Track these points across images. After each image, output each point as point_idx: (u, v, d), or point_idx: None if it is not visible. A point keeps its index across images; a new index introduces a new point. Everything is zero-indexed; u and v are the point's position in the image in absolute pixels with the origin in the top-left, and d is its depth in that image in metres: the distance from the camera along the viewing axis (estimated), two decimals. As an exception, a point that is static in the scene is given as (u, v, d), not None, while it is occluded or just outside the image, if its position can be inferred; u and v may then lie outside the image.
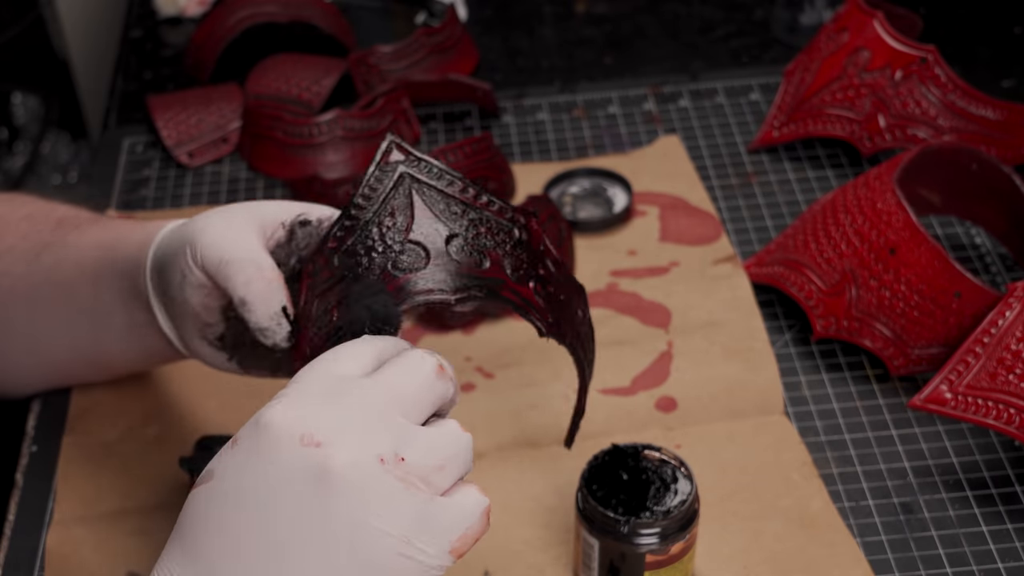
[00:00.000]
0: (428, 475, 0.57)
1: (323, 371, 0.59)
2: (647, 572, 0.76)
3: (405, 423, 0.58)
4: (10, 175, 1.92)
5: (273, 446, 0.56)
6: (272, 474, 0.56)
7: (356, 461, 0.55)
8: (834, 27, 1.14)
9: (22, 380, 0.92)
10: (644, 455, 0.77)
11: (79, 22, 1.73)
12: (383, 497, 0.55)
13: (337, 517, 0.55)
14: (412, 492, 0.56)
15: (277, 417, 0.57)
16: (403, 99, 1.19)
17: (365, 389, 0.58)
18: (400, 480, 0.56)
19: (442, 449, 0.58)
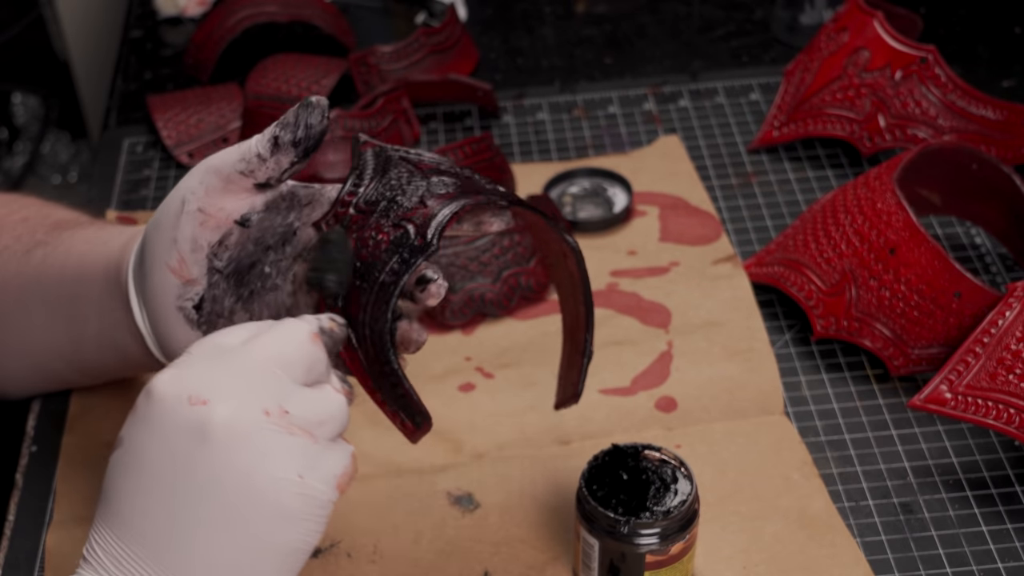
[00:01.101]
0: (311, 428, 0.62)
1: (208, 342, 0.63)
2: (647, 572, 0.76)
3: (288, 383, 0.62)
4: (10, 175, 1.92)
5: (161, 409, 0.61)
6: (163, 435, 0.60)
7: (240, 414, 0.60)
8: (834, 27, 1.14)
9: (15, 382, 0.92)
10: (644, 455, 0.77)
11: (79, 22, 1.73)
12: (272, 444, 0.60)
13: (228, 468, 0.59)
14: (297, 438, 0.61)
15: (163, 382, 0.61)
16: (403, 99, 1.19)
17: (247, 352, 0.62)
18: (286, 429, 0.61)
19: (322, 406, 0.63)
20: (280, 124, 0.70)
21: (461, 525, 0.85)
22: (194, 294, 0.72)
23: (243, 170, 0.70)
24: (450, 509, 0.86)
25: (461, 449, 0.90)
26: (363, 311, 0.67)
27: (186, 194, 0.71)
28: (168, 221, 0.71)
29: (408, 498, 0.87)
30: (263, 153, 0.70)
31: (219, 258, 0.72)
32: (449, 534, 0.84)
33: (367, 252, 0.68)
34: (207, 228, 0.71)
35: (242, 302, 0.73)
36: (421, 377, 0.95)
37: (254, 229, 0.72)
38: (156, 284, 0.73)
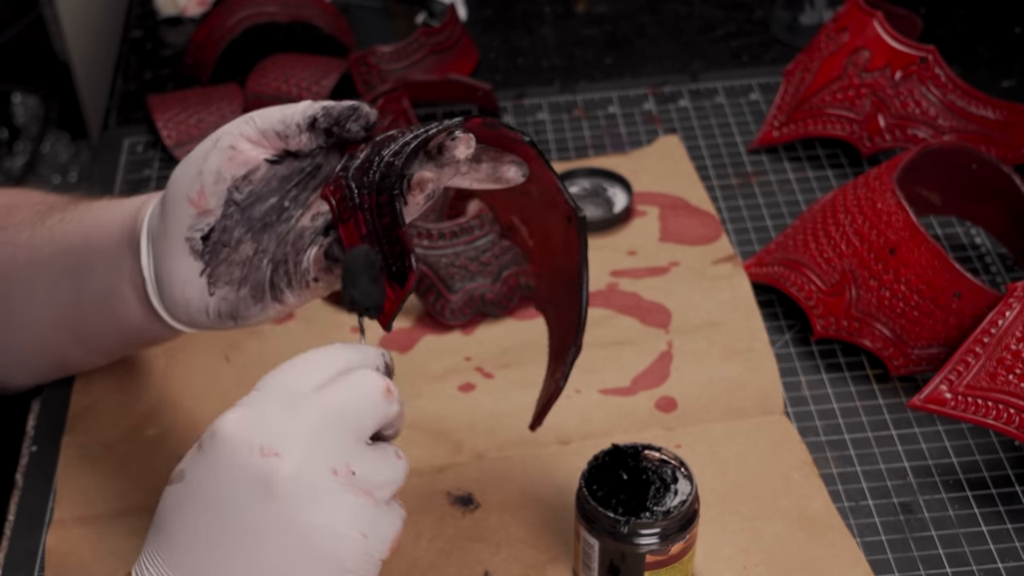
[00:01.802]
0: (372, 489, 0.62)
1: (278, 383, 0.63)
2: (647, 572, 0.76)
3: (355, 442, 0.62)
4: (10, 175, 1.92)
5: (229, 454, 0.61)
6: (229, 481, 0.61)
7: (308, 473, 0.60)
8: (834, 27, 1.14)
9: (17, 367, 0.92)
10: (644, 455, 0.77)
11: (79, 22, 1.73)
12: (336, 504, 0.61)
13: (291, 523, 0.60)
14: (362, 498, 0.62)
15: (232, 424, 0.62)
16: (403, 99, 1.19)
17: (320, 403, 0.62)
18: (351, 490, 0.61)
19: (386, 470, 0.63)
20: (326, 108, 0.72)
21: (461, 525, 0.85)
22: (205, 224, 0.74)
23: (280, 131, 0.72)
24: (450, 509, 0.86)
25: (461, 449, 0.90)
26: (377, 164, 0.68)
27: (223, 134, 0.73)
28: (198, 155, 0.73)
29: (408, 498, 0.86)
30: (301, 124, 0.71)
31: (240, 191, 0.73)
32: (449, 534, 0.84)
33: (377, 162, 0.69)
34: (235, 163, 0.73)
35: (252, 233, 0.74)
36: (421, 377, 0.95)
37: (283, 167, 0.74)
38: (171, 216, 0.74)
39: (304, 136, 0.72)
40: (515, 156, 0.72)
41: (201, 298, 0.75)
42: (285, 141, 0.72)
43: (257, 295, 0.75)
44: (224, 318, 0.76)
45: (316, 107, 0.72)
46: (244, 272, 0.75)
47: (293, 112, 0.72)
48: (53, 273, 0.83)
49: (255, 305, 0.76)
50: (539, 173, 0.73)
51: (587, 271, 0.75)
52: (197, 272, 0.75)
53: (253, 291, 0.75)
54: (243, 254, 0.75)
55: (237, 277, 0.75)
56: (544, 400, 0.79)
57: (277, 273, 0.75)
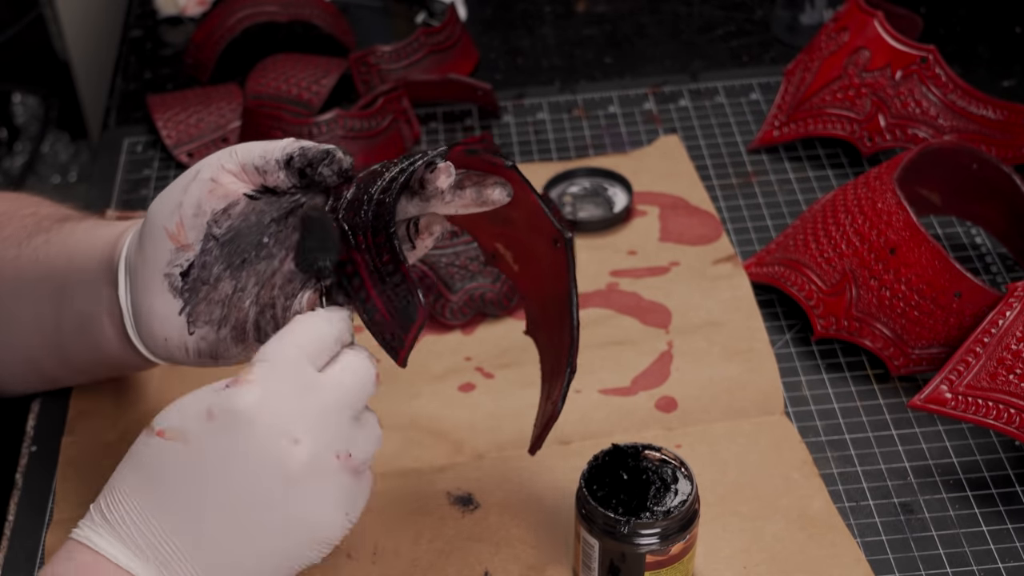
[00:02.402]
0: (360, 466, 0.67)
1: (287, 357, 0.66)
2: (647, 572, 0.76)
3: (352, 422, 0.66)
4: (10, 175, 1.92)
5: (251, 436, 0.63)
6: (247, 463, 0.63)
7: (321, 459, 0.64)
8: (834, 27, 1.14)
9: (8, 374, 0.91)
10: (644, 455, 0.77)
11: (79, 22, 1.73)
12: (336, 488, 0.65)
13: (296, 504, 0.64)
14: (351, 479, 0.66)
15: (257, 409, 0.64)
16: (403, 99, 1.19)
17: (327, 389, 0.66)
18: (348, 471, 0.66)
19: (372, 444, 0.67)
20: (303, 149, 0.71)
21: (461, 525, 0.85)
22: (184, 260, 0.73)
23: (259, 166, 0.72)
24: (450, 509, 0.86)
25: (461, 449, 0.90)
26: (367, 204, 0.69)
27: (203, 166, 0.73)
28: (177, 188, 0.73)
29: (408, 498, 0.86)
30: (280, 160, 0.71)
31: (219, 225, 0.72)
32: (449, 534, 0.84)
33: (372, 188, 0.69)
34: (215, 196, 0.72)
35: (231, 270, 0.74)
36: (421, 377, 0.95)
37: (262, 202, 0.73)
38: (150, 249, 0.73)
39: (281, 173, 0.72)
40: (498, 177, 0.72)
41: (180, 336, 0.75)
42: (264, 176, 0.72)
43: (238, 336, 0.75)
44: (204, 357, 0.76)
45: (294, 146, 0.71)
46: (224, 312, 0.74)
47: (273, 148, 0.72)
48: (37, 295, 0.83)
49: (236, 346, 0.75)
50: (522, 197, 0.73)
51: (576, 293, 0.75)
52: (176, 310, 0.74)
53: (234, 332, 0.75)
54: (222, 292, 0.74)
55: (217, 317, 0.74)
56: (542, 423, 0.79)
57: (263, 316, 0.74)
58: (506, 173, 0.72)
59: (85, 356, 0.84)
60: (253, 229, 0.73)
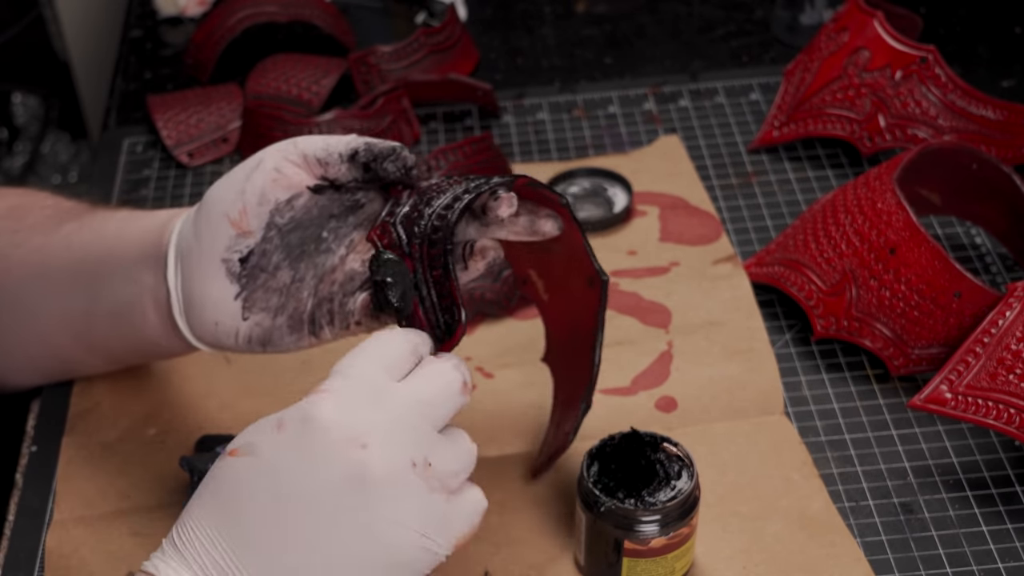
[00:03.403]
0: (447, 479, 0.64)
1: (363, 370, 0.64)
2: (625, 558, 0.76)
3: (432, 432, 0.64)
4: (10, 175, 1.92)
5: (323, 442, 0.62)
6: (319, 469, 0.61)
7: (394, 465, 0.62)
8: (834, 27, 1.14)
9: (25, 366, 0.92)
10: (661, 446, 0.78)
11: (79, 22, 1.73)
12: (413, 498, 0.62)
13: (374, 515, 0.61)
14: (435, 494, 0.63)
15: (330, 415, 0.62)
16: (403, 99, 1.19)
17: (404, 397, 0.64)
18: (426, 483, 0.63)
19: (459, 458, 0.65)
20: (368, 144, 0.72)
21: (461, 525, 0.85)
22: (244, 246, 0.74)
23: (321, 158, 0.72)
24: (450, 509, 0.86)
25: (461, 449, 0.90)
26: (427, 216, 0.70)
27: (265, 156, 0.73)
28: (240, 175, 0.74)
29: (408, 498, 0.86)
30: (343, 154, 0.72)
31: (281, 215, 0.73)
32: (449, 534, 0.84)
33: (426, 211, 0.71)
34: (279, 186, 0.73)
35: (290, 260, 0.75)
36: (421, 377, 0.95)
37: (324, 197, 0.74)
38: (207, 235, 0.74)
39: (344, 167, 0.72)
40: (550, 210, 0.74)
41: (233, 321, 0.75)
42: (325, 168, 0.73)
43: (294, 326, 0.76)
44: (254, 343, 0.76)
45: (359, 141, 0.72)
46: (282, 300, 0.75)
47: (337, 142, 0.73)
48: (67, 281, 0.83)
49: (290, 335, 0.76)
50: (568, 232, 0.75)
51: (603, 333, 0.77)
52: (232, 295, 0.74)
53: (291, 321, 0.76)
54: (280, 281, 0.75)
55: (274, 304, 0.75)
56: (550, 452, 0.82)
57: (320, 309, 0.76)
58: (559, 209, 0.74)
59: (118, 343, 0.84)
60: (314, 222, 0.74)
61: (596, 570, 0.79)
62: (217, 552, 0.62)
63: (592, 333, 0.78)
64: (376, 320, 0.75)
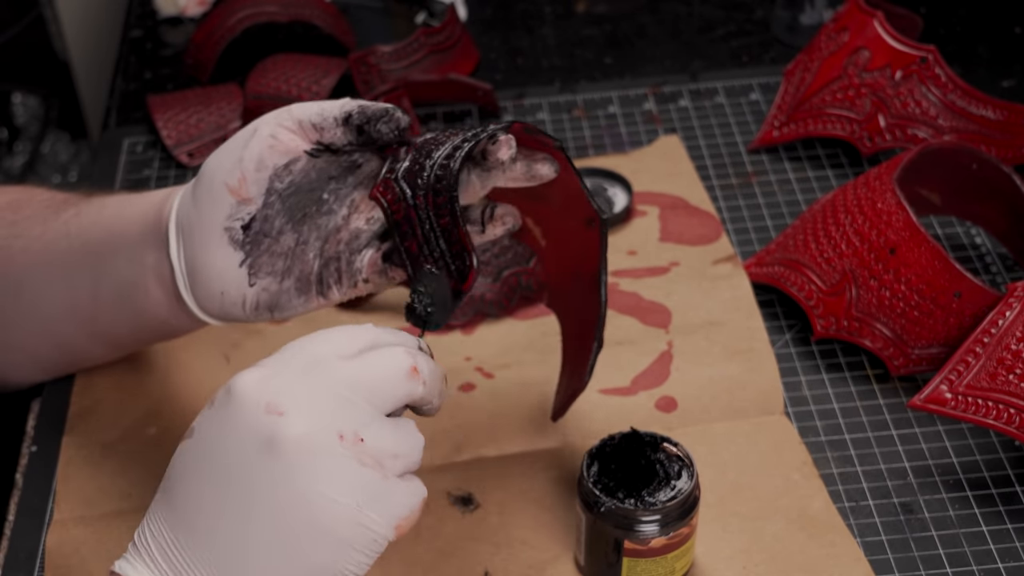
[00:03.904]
0: (382, 459, 0.61)
1: (304, 348, 0.63)
2: (625, 558, 0.76)
3: (369, 410, 0.62)
4: (10, 175, 1.92)
5: (238, 410, 0.61)
6: (236, 436, 0.60)
7: (312, 433, 0.60)
8: (834, 27, 1.14)
9: (26, 361, 0.92)
10: (662, 446, 0.78)
11: (79, 22, 1.73)
12: (336, 469, 0.60)
13: (289, 484, 0.59)
14: (367, 469, 0.60)
15: (248, 383, 0.61)
16: (403, 99, 1.19)
17: (337, 371, 0.62)
18: (356, 457, 0.60)
19: (399, 440, 0.62)
20: (362, 106, 0.73)
21: (461, 525, 0.85)
22: (245, 213, 0.74)
23: (316, 123, 0.73)
24: (450, 509, 0.86)
25: (461, 449, 0.90)
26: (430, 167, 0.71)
27: (260, 124, 0.74)
28: (237, 143, 0.74)
29: (408, 498, 0.86)
30: (338, 117, 0.73)
31: (280, 180, 0.74)
32: (449, 534, 0.84)
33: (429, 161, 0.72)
34: (276, 152, 0.73)
35: (293, 223, 0.75)
36: (421, 377, 0.95)
37: (321, 160, 0.74)
38: (207, 204, 0.74)
39: (339, 130, 0.73)
40: (545, 154, 0.75)
41: (238, 289, 0.75)
42: (320, 133, 0.73)
43: (302, 287, 0.76)
44: (262, 310, 0.76)
45: (353, 104, 0.73)
46: (288, 263, 0.76)
47: (331, 106, 0.73)
48: (69, 268, 0.83)
49: (298, 297, 0.77)
50: (564, 176, 0.76)
51: (606, 272, 0.78)
52: (236, 262, 0.75)
53: (298, 283, 0.76)
54: (284, 245, 0.75)
55: (280, 268, 0.76)
56: (568, 394, 0.82)
57: (327, 269, 0.76)
58: (554, 152, 0.75)
59: (124, 326, 0.84)
60: (314, 185, 0.75)
61: (596, 570, 0.79)
62: (163, 538, 0.62)
63: (596, 273, 0.79)
64: (384, 276, 0.75)
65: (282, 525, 0.60)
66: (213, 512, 0.61)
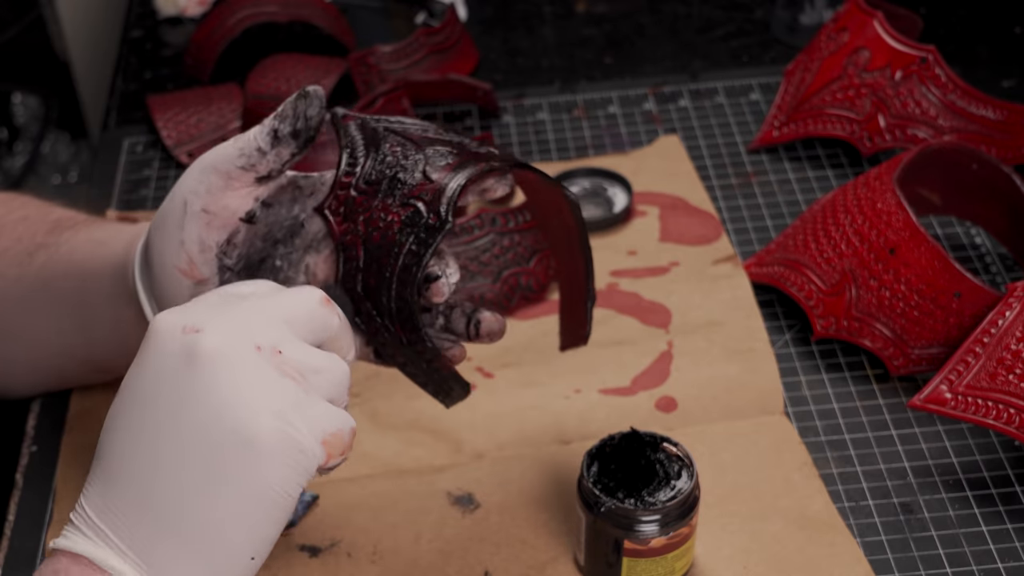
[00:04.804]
0: (305, 372, 0.60)
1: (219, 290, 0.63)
2: (625, 558, 0.76)
3: (287, 330, 0.61)
4: (10, 175, 1.92)
5: (155, 340, 0.59)
6: (154, 365, 0.59)
7: (229, 343, 0.58)
8: (834, 27, 1.14)
9: (22, 384, 0.92)
10: (662, 446, 0.78)
11: (79, 22, 1.73)
12: (256, 376, 0.58)
13: (207, 396, 0.58)
14: (286, 379, 0.59)
15: (165, 315, 0.60)
16: (403, 99, 1.19)
17: (254, 301, 0.61)
18: (275, 367, 0.59)
19: (320, 358, 0.61)
20: (279, 116, 0.70)
21: (461, 525, 0.85)
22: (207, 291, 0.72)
23: (243, 165, 0.70)
24: (450, 509, 0.86)
25: (461, 449, 0.90)
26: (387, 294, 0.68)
27: (188, 195, 0.70)
28: (172, 223, 0.71)
29: (408, 498, 0.86)
30: (263, 147, 0.70)
31: (229, 256, 0.71)
32: (449, 534, 0.84)
33: (379, 234, 0.69)
34: (213, 228, 0.71)
35: None
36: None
37: (261, 225, 0.72)
38: (167, 286, 0.73)
39: (272, 154, 0.70)
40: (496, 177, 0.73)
41: None
42: (254, 169, 0.70)
43: None
44: None
45: (268, 123, 0.70)
46: None
47: (248, 139, 0.70)
48: (56, 314, 0.83)
49: None
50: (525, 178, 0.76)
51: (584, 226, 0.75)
52: None
53: None
54: None
55: None
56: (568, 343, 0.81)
57: None
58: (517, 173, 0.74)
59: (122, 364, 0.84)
60: (263, 254, 0.73)
61: (596, 570, 0.79)
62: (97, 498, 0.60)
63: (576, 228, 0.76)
64: None
65: (207, 442, 0.58)
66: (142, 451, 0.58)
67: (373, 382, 0.93)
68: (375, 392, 0.93)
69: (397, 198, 0.69)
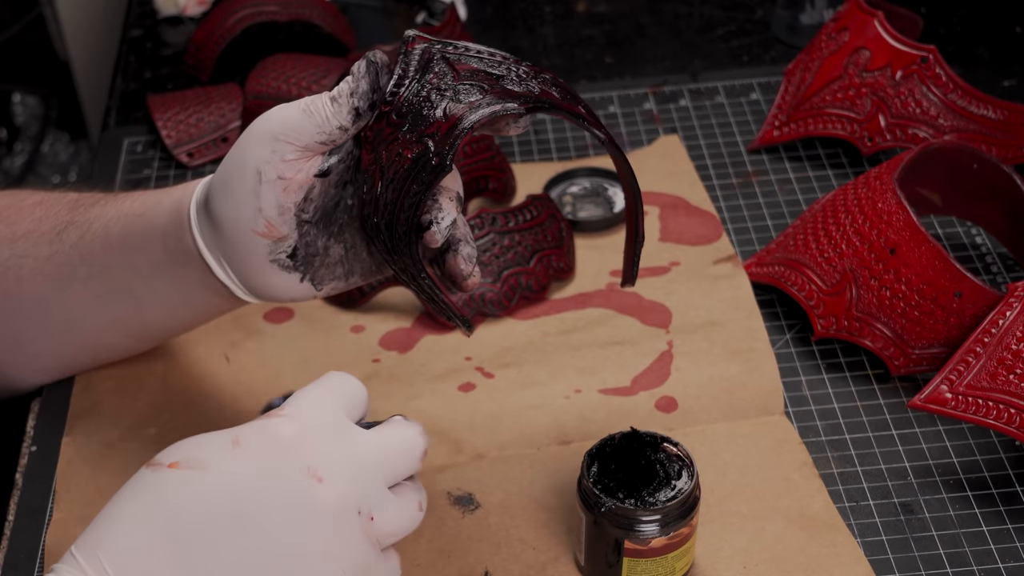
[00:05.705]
0: (383, 537, 0.65)
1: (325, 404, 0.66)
2: (626, 558, 0.76)
3: (383, 487, 0.65)
4: (10, 175, 1.92)
5: (283, 465, 0.62)
6: (277, 489, 0.62)
7: (343, 507, 0.63)
8: (834, 27, 1.14)
9: (63, 360, 0.92)
10: (662, 446, 0.78)
11: (79, 22, 1.73)
12: (350, 542, 0.63)
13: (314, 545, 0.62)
14: (368, 546, 0.64)
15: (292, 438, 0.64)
16: (403, 99, 1.19)
17: (365, 443, 0.65)
18: (365, 534, 0.64)
19: (401, 520, 0.66)
20: (358, 95, 0.70)
21: (461, 525, 0.85)
22: (287, 247, 0.74)
23: (324, 141, 0.72)
24: (450, 509, 0.86)
25: (461, 449, 0.90)
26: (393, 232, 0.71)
27: (261, 165, 0.72)
28: (244, 190, 0.72)
29: (408, 498, 0.86)
30: (346, 124, 0.71)
31: (306, 211, 0.74)
32: (449, 534, 0.84)
33: (393, 170, 0.69)
34: (290, 192, 0.73)
35: (333, 237, 0.76)
36: (421, 377, 0.95)
37: (333, 175, 0.74)
38: (243, 247, 0.74)
39: (353, 129, 0.71)
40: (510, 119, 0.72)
41: (308, 293, 0.77)
42: (331, 145, 0.72)
43: (368, 274, 0.78)
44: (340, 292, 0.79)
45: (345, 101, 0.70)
46: (347, 266, 0.77)
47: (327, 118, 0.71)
48: (97, 287, 0.83)
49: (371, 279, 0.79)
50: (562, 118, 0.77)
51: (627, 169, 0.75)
52: (296, 281, 0.76)
53: (364, 274, 0.78)
54: (336, 255, 0.76)
55: (341, 272, 0.77)
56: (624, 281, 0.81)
57: None
58: None
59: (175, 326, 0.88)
60: (336, 199, 0.75)
61: (596, 570, 0.79)
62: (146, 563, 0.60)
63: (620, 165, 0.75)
64: None
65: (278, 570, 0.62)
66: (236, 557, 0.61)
67: (373, 382, 0.94)
68: (375, 392, 0.93)
69: (415, 134, 0.69)
